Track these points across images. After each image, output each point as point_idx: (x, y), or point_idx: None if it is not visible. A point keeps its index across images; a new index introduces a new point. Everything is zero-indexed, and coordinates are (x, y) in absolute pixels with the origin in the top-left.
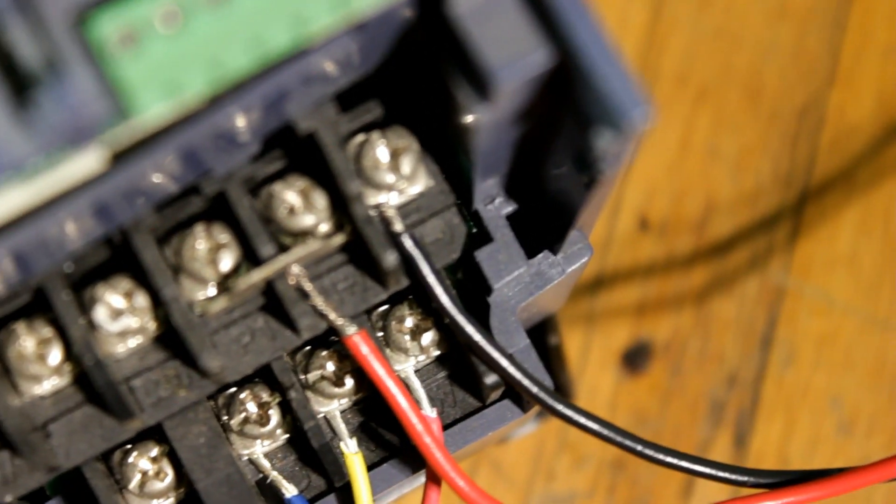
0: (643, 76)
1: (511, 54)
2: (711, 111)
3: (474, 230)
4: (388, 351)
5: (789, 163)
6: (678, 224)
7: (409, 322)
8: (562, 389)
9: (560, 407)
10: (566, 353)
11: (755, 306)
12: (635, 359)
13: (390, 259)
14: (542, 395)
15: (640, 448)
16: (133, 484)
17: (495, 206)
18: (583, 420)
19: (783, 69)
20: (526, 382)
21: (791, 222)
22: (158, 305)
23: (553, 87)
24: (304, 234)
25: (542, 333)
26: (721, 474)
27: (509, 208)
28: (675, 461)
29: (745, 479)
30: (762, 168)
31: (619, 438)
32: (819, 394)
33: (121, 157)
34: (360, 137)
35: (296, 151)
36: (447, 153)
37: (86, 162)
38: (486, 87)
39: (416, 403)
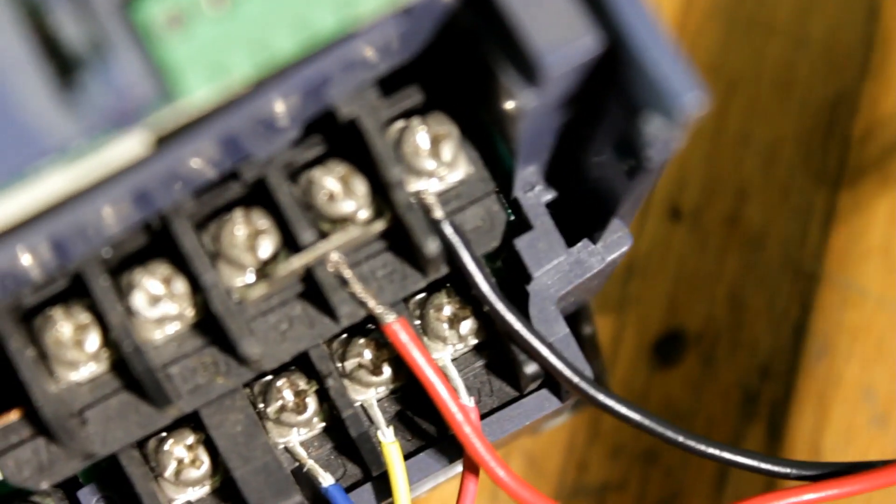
0: None
1: (560, 39)
2: (743, 101)
3: (513, 218)
4: (425, 339)
5: (822, 153)
6: (710, 214)
7: (448, 310)
8: (596, 379)
9: (601, 397)
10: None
11: (788, 297)
12: (667, 349)
13: (432, 246)
14: (583, 384)
15: (681, 439)
16: (169, 472)
17: (535, 194)
18: (624, 410)
19: (815, 60)
20: (567, 372)
21: (824, 213)
22: (197, 292)
23: (600, 73)
24: (343, 221)
25: (575, 323)
26: (762, 465)
27: (549, 196)
28: (716, 452)
29: (786, 470)
30: (794, 159)
31: (659, 429)
32: (852, 385)
33: (164, 142)
34: (400, 123)
35: (336, 137)
36: (487, 140)
37: (130, 146)
38: (534, 73)
39: (454, 392)
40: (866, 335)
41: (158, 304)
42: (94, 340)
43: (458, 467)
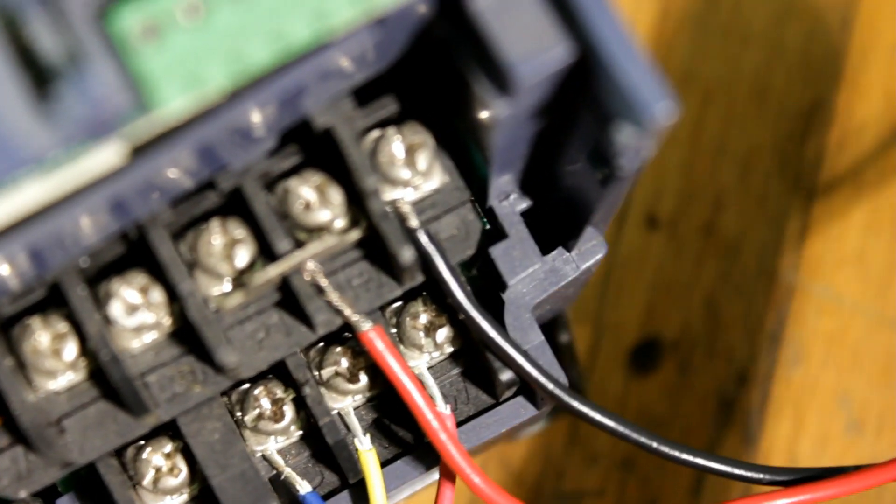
0: None
1: (531, 49)
2: (720, 110)
3: (488, 227)
4: (402, 347)
5: (797, 162)
6: (687, 222)
7: (424, 318)
8: (573, 387)
9: (575, 404)
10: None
11: (764, 304)
12: (644, 357)
13: (407, 255)
14: (558, 391)
15: (655, 445)
16: (147, 480)
17: (510, 203)
18: (599, 417)
19: (791, 68)
20: (542, 379)
21: (799, 221)
22: (174, 301)
23: (573, 82)
24: (319, 230)
25: (552, 331)
26: (736, 471)
27: (524, 205)
28: (691, 458)
29: (760, 476)
30: (770, 167)
31: (635, 436)
32: (828, 392)
33: (140, 152)
34: (375, 133)
35: (311, 147)
36: (462, 149)
37: (106, 156)
38: (506, 82)
39: (430, 400)
40: (842, 342)
41: (136, 313)
42: (71, 349)
43: (435, 475)
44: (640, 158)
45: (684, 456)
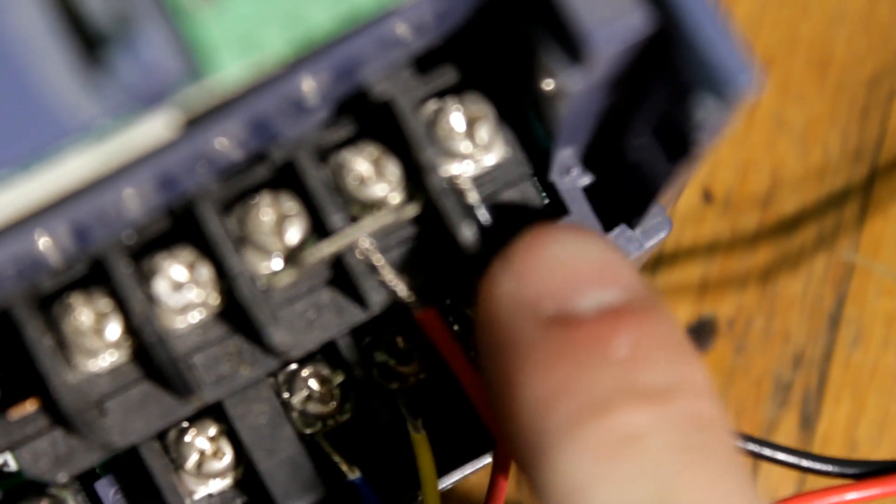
0: None
1: (608, 16)
2: (777, 81)
3: (546, 202)
4: (456, 327)
5: (858, 136)
6: (743, 197)
7: None
8: None
9: None
10: None
11: (822, 284)
12: (698, 336)
13: (467, 233)
14: None
15: None
16: (190, 463)
17: (572, 178)
18: None
19: (852, 38)
20: None
21: (860, 198)
22: (221, 278)
23: (649, 51)
24: (373, 205)
25: None
26: (803, 463)
27: (586, 180)
28: (756, 449)
29: (829, 468)
30: (830, 141)
31: None
32: (888, 375)
33: (193, 123)
34: (434, 104)
35: (367, 118)
36: (521, 121)
37: (156, 126)
38: (579, 52)
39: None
40: None
41: (182, 292)
42: (114, 329)
43: (487, 459)
44: (719, 133)
45: (750, 447)
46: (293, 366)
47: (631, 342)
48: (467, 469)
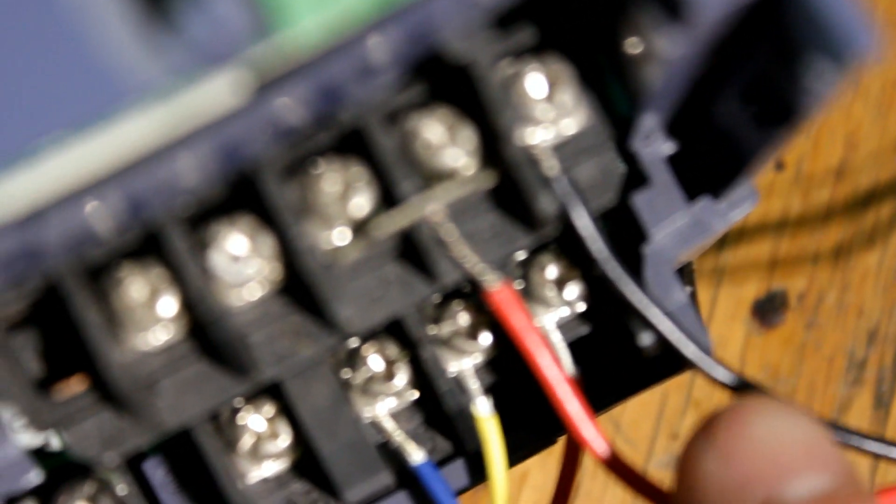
0: None
1: None
2: None
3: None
4: (527, 303)
5: None
6: (816, 165)
7: (553, 272)
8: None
9: (720, 376)
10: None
11: None
12: (767, 310)
13: (545, 203)
14: (706, 363)
15: None
16: (245, 445)
17: (654, 146)
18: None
19: None
20: (690, 348)
21: None
22: (281, 252)
23: (756, 9)
24: (445, 174)
25: None
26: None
27: (669, 148)
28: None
29: None
30: None
31: None
32: None
33: (261, 86)
34: (511, 66)
35: (439, 81)
36: (599, 85)
37: (222, 88)
38: (680, 10)
39: (558, 361)
40: None
41: (239, 266)
42: (167, 304)
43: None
44: (826, 100)
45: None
46: (353, 343)
47: None
48: (533, 453)
